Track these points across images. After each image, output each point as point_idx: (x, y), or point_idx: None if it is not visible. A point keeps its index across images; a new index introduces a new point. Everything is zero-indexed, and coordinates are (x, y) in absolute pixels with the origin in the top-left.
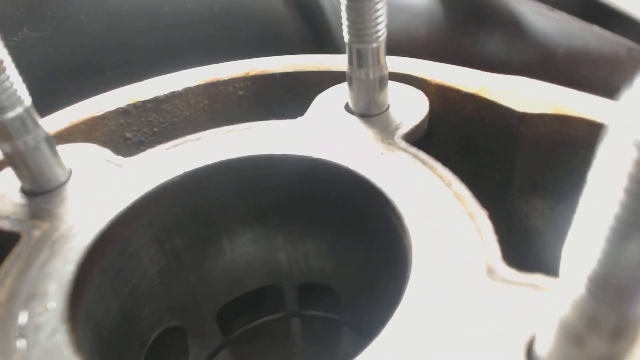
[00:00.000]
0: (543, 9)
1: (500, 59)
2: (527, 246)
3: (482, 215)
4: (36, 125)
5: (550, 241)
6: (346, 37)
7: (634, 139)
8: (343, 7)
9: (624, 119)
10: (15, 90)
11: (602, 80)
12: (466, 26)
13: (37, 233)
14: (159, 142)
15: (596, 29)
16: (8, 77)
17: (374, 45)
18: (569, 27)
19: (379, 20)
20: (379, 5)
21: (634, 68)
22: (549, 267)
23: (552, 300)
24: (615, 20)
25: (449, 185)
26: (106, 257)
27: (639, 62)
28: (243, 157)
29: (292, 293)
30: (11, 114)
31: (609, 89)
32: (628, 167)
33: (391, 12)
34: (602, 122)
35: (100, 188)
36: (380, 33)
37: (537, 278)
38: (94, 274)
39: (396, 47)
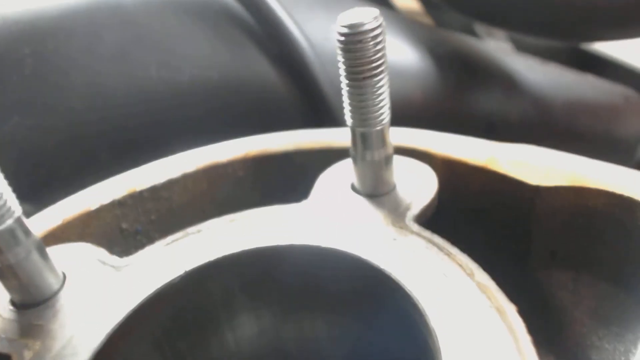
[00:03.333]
0: (536, 63)
1: (498, 115)
2: (552, 321)
3: (512, 311)
4: (27, 234)
5: (575, 314)
6: (349, 121)
7: None
8: (344, 92)
9: None
10: (5, 202)
11: (602, 129)
12: (461, 86)
13: (28, 355)
14: (157, 231)
15: (591, 78)
16: None
17: (379, 128)
18: (564, 80)
19: (382, 103)
20: (382, 90)
21: (632, 115)
22: (578, 344)
23: None
24: (609, 67)
25: (470, 275)
26: None
27: (636, 110)
28: (247, 250)
29: None
30: (0, 228)
31: (609, 137)
32: None
33: None
34: (621, 194)
35: (95, 296)
36: (384, 116)
37: None
38: None
39: (392, 112)
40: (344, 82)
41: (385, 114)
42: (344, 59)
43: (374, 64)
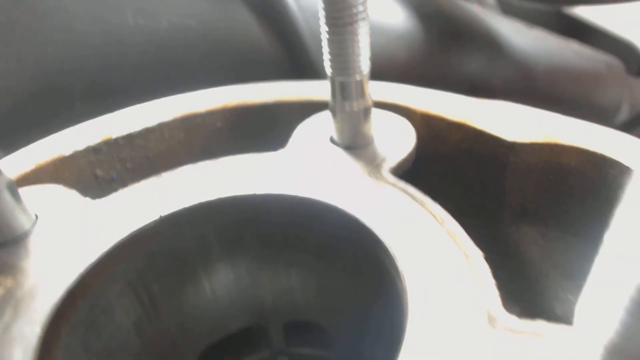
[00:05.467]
0: (521, 27)
1: (481, 78)
2: (520, 275)
3: (478, 256)
4: None
5: (543, 269)
6: (328, 70)
7: None
8: (324, 40)
9: None
10: None
11: (584, 95)
12: (446, 47)
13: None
14: (133, 179)
15: (575, 45)
16: None
17: (358, 78)
18: (548, 45)
19: (363, 52)
20: (362, 37)
21: (614, 83)
22: (543, 296)
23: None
24: (593, 35)
25: (441, 222)
26: (76, 314)
27: (618, 78)
28: (224, 198)
29: (278, 331)
30: None
31: (590, 104)
32: None
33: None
34: (594, 151)
35: (68, 236)
36: (363, 66)
37: (541, 325)
38: (63, 334)
39: (376, 70)
40: (323, 28)
41: (365, 63)
42: (324, 3)
43: (355, 10)
